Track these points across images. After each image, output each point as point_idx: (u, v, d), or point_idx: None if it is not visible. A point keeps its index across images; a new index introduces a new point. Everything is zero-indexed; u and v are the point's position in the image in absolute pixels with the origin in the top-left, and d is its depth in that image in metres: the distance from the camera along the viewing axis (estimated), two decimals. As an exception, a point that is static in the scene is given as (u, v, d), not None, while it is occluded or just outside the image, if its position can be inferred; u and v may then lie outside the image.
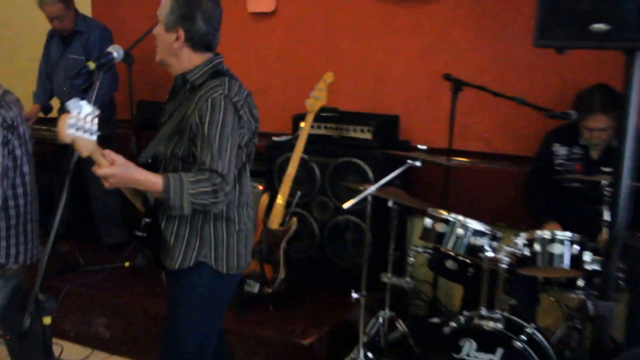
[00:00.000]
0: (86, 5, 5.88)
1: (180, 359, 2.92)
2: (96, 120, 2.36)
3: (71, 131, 2.29)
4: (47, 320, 2.43)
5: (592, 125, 3.85)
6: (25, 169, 3.36)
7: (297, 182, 4.44)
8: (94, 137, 2.36)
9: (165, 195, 2.61)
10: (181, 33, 2.77)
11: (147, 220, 2.85)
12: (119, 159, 2.53)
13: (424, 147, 4.07)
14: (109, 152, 2.51)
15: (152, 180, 2.62)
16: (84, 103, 2.30)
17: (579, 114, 3.87)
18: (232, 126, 2.72)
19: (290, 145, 4.56)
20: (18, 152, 3.30)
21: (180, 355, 2.91)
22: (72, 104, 2.29)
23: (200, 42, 2.82)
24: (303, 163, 4.55)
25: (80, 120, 2.30)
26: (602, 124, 3.81)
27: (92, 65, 2.74)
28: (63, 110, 5.52)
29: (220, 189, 2.66)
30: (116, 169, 2.51)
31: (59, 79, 5.53)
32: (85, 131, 2.32)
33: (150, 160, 2.80)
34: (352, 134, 4.71)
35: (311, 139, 4.48)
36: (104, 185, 2.58)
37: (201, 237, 2.86)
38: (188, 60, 2.84)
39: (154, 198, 2.76)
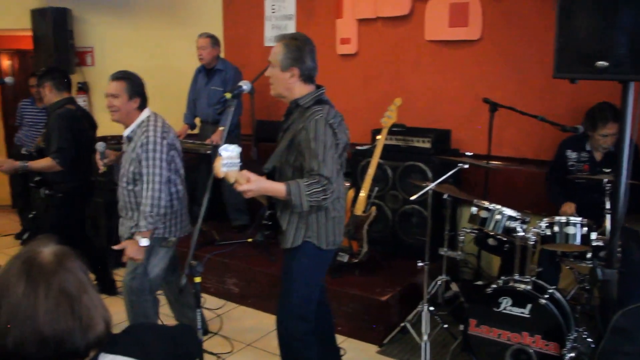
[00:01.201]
0: (221, 49, 5.93)
1: (292, 308, 2.92)
2: (238, 156, 2.48)
3: (224, 169, 2.46)
4: (197, 279, 2.50)
5: (607, 132, 3.80)
6: (181, 172, 3.52)
7: (375, 180, 4.41)
8: (237, 168, 2.50)
9: (288, 198, 2.66)
10: (296, 71, 2.80)
11: (270, 212, 2.92)
12: (252, 176, 2.59)
13: (470, 154, 4.11)
14: (245, 173, 2.57)
15: (278, 188, 2.67)
16: (228, 146, 2.45)
17: (595, 125, 3.83)
18: (330, 141, 2.72)
19: (369, 153, 4.54)
20: (177, 160, 3.47)
21: (292, 305, 2.92)
22: (221, 149, 2.45)
23: (309, 76, 2.84)
24: (379, 166, 4.53)
25: (227, 160, 2.45)
26: (614, 130, 3.74)
27: (228, 95, 2.76)
28: (204, 127, 5.64)
29: (327, 188, 2.68)
30: (252, 185, 2.58)
31: (202, 104, 5.66)
32: (231, 166, 2.47)
33: (269, 170, 2.85)
34: (416, 144, 4.69)
35: (385, 147, 4.47)
36: (244, 196, 2.64)
37: (307, 223, 2.87)
38: (299, 91, 2.85)
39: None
